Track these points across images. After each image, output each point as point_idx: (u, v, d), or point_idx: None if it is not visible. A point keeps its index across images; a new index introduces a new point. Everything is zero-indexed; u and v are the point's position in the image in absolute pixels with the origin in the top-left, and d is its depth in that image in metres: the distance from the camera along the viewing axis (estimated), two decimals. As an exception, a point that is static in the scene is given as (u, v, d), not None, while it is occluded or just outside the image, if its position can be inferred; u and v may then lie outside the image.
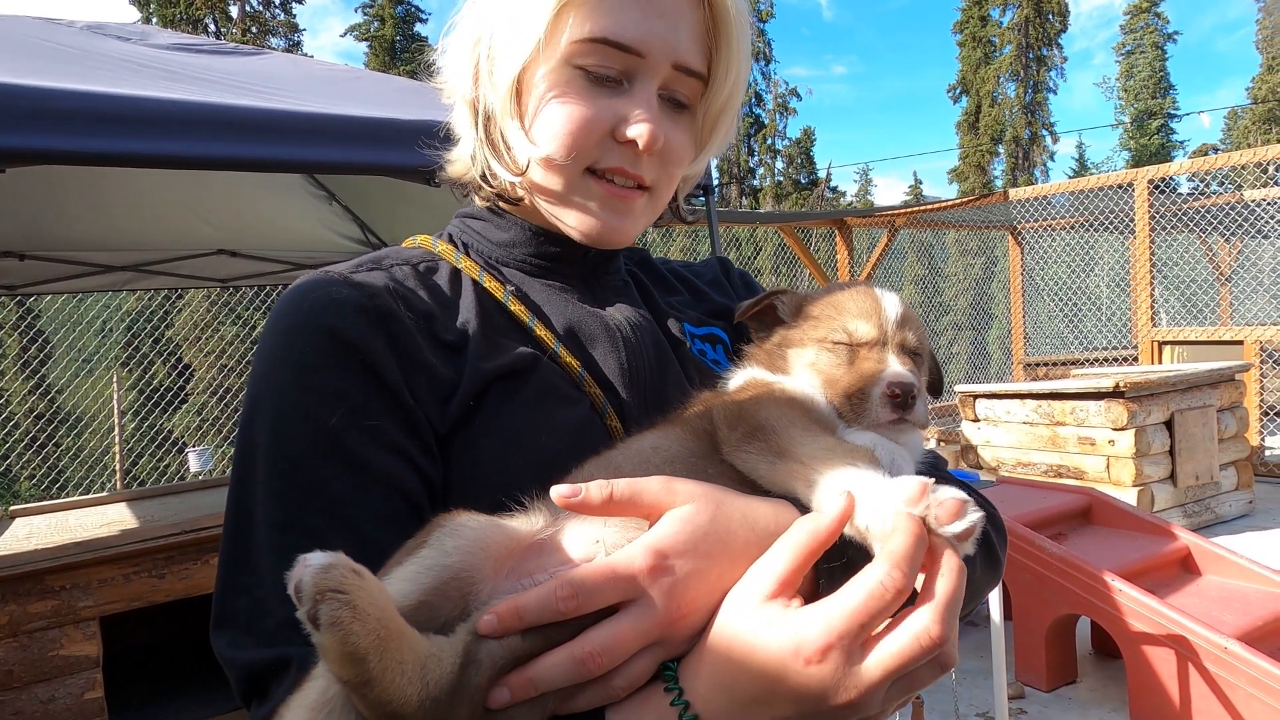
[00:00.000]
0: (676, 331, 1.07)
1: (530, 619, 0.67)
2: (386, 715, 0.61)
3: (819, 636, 0.64)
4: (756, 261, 16.36)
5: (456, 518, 0.72)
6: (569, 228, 0.99)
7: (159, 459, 11.95)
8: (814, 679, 0.64)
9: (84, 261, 5.80)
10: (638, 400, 0.97)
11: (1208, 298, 12.63)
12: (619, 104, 0.93)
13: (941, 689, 4.41)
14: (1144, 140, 46.60)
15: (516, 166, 0.98)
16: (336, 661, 0.60)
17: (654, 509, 0.72)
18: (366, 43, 37.18)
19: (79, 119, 2.39)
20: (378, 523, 0.73)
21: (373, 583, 0.62)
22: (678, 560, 0.69)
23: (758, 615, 0.68)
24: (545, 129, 0.94)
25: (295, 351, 0.84)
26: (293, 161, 2.87)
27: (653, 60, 0.92)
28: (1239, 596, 4.21)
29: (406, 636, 0.63)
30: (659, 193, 1.01)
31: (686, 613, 0.69)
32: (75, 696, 3.39)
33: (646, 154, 0.93)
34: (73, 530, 4.17)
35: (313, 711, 0.64)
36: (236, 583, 0.79)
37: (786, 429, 0.78)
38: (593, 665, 0.67)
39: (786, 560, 0.68)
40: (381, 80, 4.34)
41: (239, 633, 0.77)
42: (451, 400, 0.87)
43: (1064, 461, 7.06)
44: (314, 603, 0.59)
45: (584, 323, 1.00)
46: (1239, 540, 6.63)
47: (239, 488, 0.83)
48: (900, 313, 0.95)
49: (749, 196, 44.90)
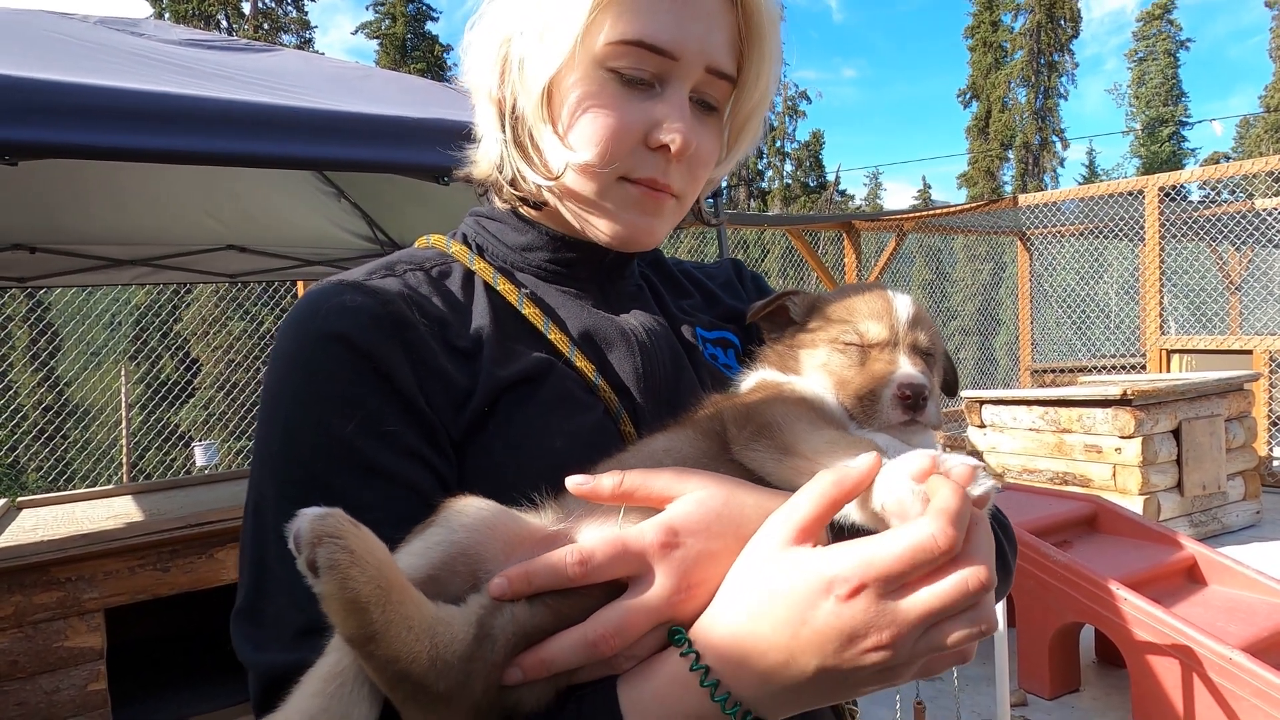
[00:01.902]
0: (689, 336, 1.07)
1: (539, 583, 0.67)
2: (396, 675, 0.61)
3: (855, 572, 0.62)
4: (764, 264, 16.35)
5: (467, 499, 0.73)
6: (599, 232, 0.98)
7: (165, 452, 12.00)
8: (843, 617, 0.62)
9: (94, 255, 5.83)
10: (652, 406, 0.97)
11: (1217, 306, 12.57)
12: (652, 108, 0.92)
13: (944, 695, 4.40)
14: (1155, 147, 46.42)
15: (549, 171, 0.96)
16: (339, 612, 0.59)
17: (665, 498, 0.72)
18: (378, 40, 37.32)
19: (90, 113, 2.40)
20: (398, 526, 0.73)
21: (371, 536, 0.62)
22: (689, 538, 0.69)
23: (782, 558, 0.66)
24: (581, 135, 0.92)
25: (308, 360, 0.84)
26: (303, 158, 2.88)
27: (686, 63, 0.91)
28: (1244, 607, 4.19)
29: (411, 594, 0.63)
30: (686, 196, 1.00)
31: (696, 591, 0.69)
32: (79, 688, 3.41)
33: (678, 160, 0.93)
34: (79, 522, 4.19)
35: (324, 682, 0.64)
36: (264, 588, 0.80)
37: (792, 425, 0.79)
38: (605, 647, 0.67)
39: (810, 507, 0.66)
40: (393, 79, 4.35)
41: (265, 637, 0.77)
42: (466, 406, 0.87)
43: (1070, 469, 7.03)
44: (311, 548, 0.59)
45: (599, 328, 0.99)
46: (1245, 551, 6.59)
47: (256, 494, 0.84)
48: (912, 313, 0.95)
49: (757, 199, 44.87)
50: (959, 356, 16.50)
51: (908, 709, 3.79)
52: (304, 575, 0.60)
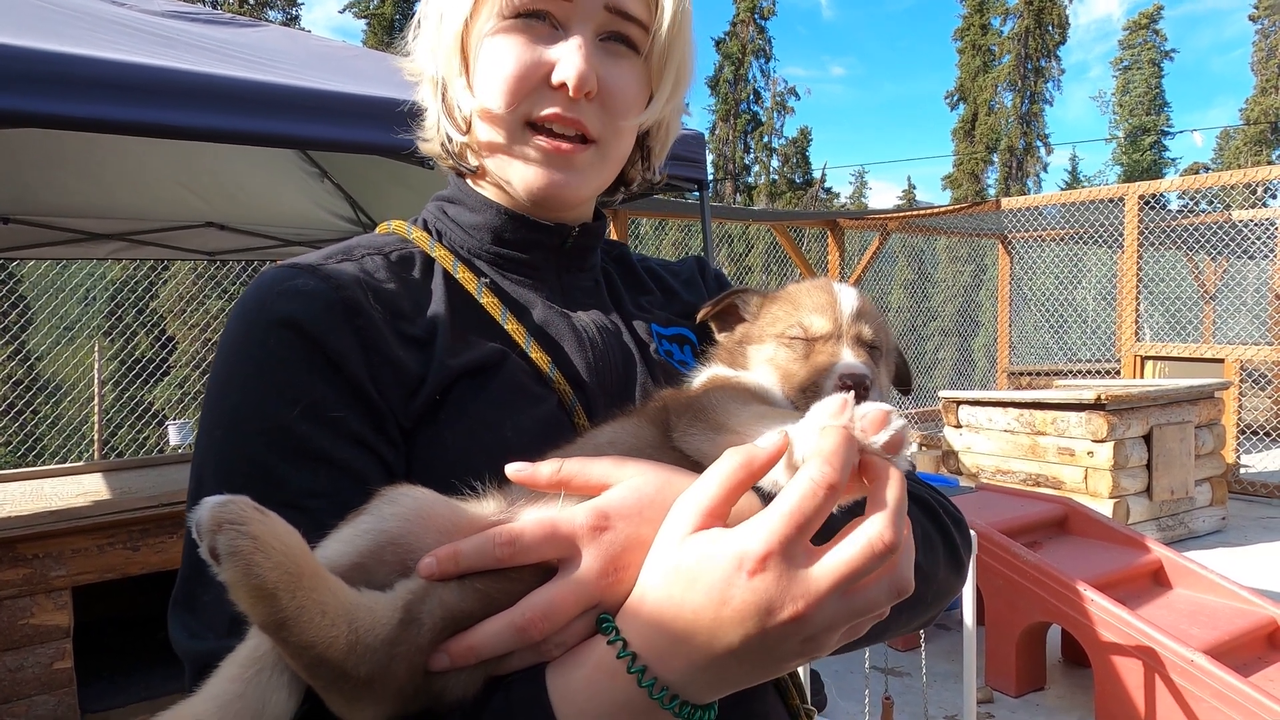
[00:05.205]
0: (643, 334, 1.07)
1: (466, 564, 0.67)
2: (313, 661, 0.60)
3: (760, 544, 0.62)
4: (748, 259, 16.39)
5: (399, 488, 0.72)
6: (514, 186, 0.98)
7: (138, 430, 11.84)
8: (758, 591, 0.62)
9: (71, 228, 5.72)
10: (604, 403, 0.97)
11: (1191, 315, 12.76)
12: (553, 49, 0.93)
13: (911, 691, 4.46)
14: (1136, 156, 46.96)
15: (462, 125, 0.98)
16: (246, 599, 0.58)
17: (601, 485, 0.72)
18: (365, 20, 36.86)
19: (68, 83, 2.35)
20: (342, 514, 0.72)
21: (278, 522, 0.61)
22: (620, 522, 0.69)
23: (691, 542, 0.66)
24: (483, 80, 0.94)
25: (257, 345, 0.83)
26: (286, 137, 2.84)
27: (583, 2, 0.93)
28: (1207, 611, 4.27)
29: (325, 580, 0.62)
30: (608, 147, 0.99)
31: (624, 575, 0.69)
32: (44, 666, 3.36)
33: (578, 97, 0.93)
34: (48, 499, 4.13)
35: (242, 667, 0.63)
36: (202, 576, 0.79)
37: (725, 405, 0.80)
38: (534, 631, 0.67)
39: (714, 488, 0.66)
40: (380, 59, 4.30)
41: (200, 625, 0.77)
42: (417, 395, 0.86)
43: (1043, 471, 7.13)
44: (212, 535, 0.58)
45: (553, 323, 1.00)
46: (1211, 555, 6.72)
47: (196, 480, 0.82)
48: (857, 307, 0.96)
49: (743, 193, 44.91)
50: (938, 357, 16.64)
51: (876, 704, 3.83)
52: (208, 563, 0.59)
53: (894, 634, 0.97)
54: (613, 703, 0.66)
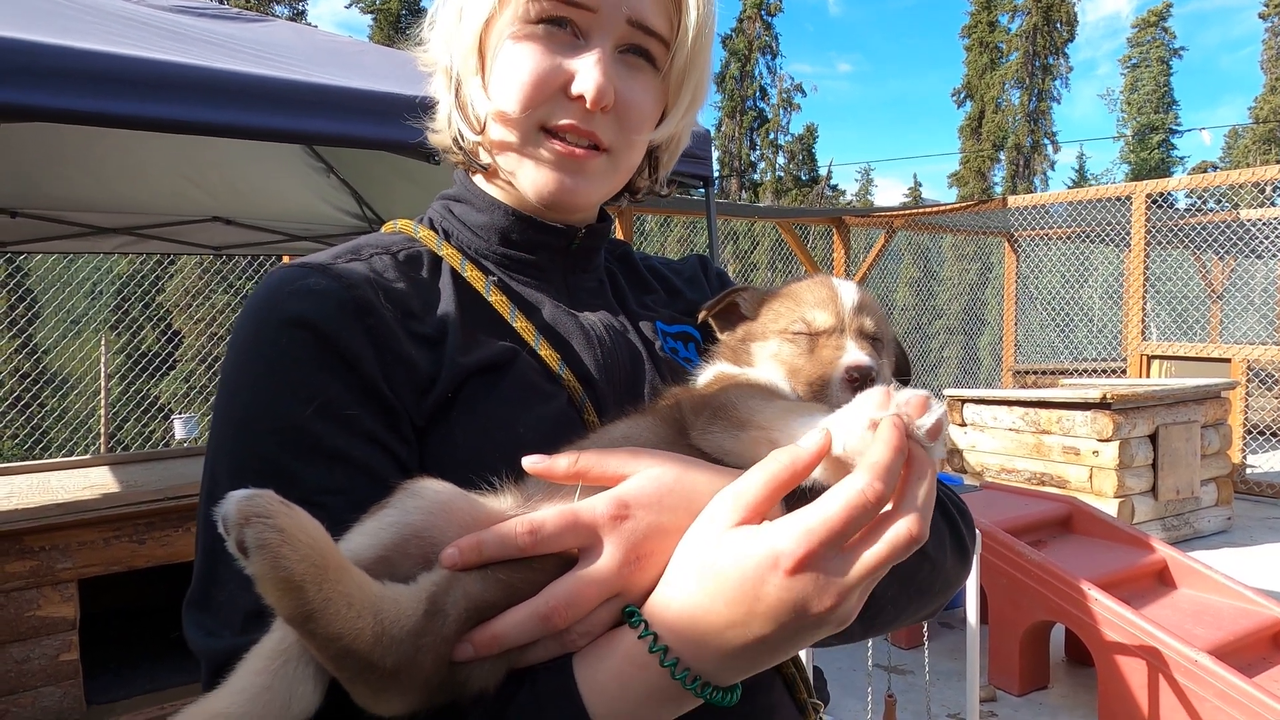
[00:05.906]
0: (649, 333, 1.07)
1: (489, 553, 0.68)
2: (339, 653, 0.60)
3: (798, 545, 0.63)
4: (753, 256, 16.38)
5: (421, 481, 0.73)
6: (524, 188, 0.98)
7: (144, 424, 11.88)
8: (793, 590, 0.64)
9: (77, 222, 5.73)
10: (612, 401, 0.97)
11: (1198, 314, 12.71)
12: (573, 59, 0.93)
13: (914, 689, 4.45)
14: (1144, 154, 46.76)
15: (476, 124, 0.98)
16: (273, 591, 0.59)
17: (619, 477, 0.73)
18: (371, 15, 36.85)
19: (73, 77, 2.35)
20: (357, 511, 0.72)
21: (304, 515, 0.62)
22: (640, 511, 0.70)
23: (729, 537, 0.67)
24: (499, 83, 0.94)
25: (269, 344, 0.83)
26: (292, 132, 2.84)
27: (605, 15, 0.92)
28: (1212, 611, 4.26)
29: (350, 572, 0.62)
30: (619, 157, 0.99)
31: (646, 563, 0.70)
32: (50, 658, 3.38)
33: (595, 110, 0.93)
34: (54, 492, 4.15)
35: (267, 659, 0.63)
36: (216, 574, 0.79)
37: (746, 401, 0.81)
38: (557, 620, 0.67)
39: (759, 487, 0.67)
40: (387, 54, 4.30)
41: (216, 623, 0.77)
42: (430, 393, 0.87)
43: (1048, 470, 7.11)
44: (239, 528, 0.58)
45: (561, 321, 1.00)
46: (1216, 556, 6.70)
47: (210, 480, 0.82)
48: (857, 300, 0.97)
49: (749, 190, 44.83)
50: (943, 355, 16.61)
51: (878, 702, 3.83)
52: (235, 558, 0.59)
53: (902, 623, 0.99)
54: (644, 692, 0.68)
